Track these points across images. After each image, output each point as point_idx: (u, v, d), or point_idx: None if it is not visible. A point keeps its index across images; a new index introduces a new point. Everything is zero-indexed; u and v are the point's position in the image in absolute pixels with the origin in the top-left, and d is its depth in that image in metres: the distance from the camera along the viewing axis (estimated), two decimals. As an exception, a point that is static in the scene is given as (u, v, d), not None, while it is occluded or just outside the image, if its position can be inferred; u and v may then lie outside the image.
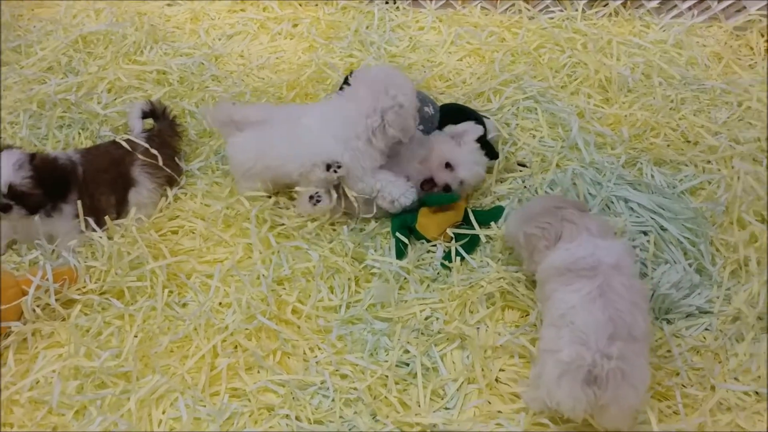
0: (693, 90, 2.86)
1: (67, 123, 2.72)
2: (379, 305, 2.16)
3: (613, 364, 1.66)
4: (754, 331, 2.06)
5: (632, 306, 1.77)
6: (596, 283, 1.79)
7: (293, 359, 2.04)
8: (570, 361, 1.69)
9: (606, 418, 1.73)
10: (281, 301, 2.14)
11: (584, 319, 1.74)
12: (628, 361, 1.67)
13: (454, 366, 2.01)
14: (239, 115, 2.38)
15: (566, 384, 1.69)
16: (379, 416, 1.88)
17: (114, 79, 2.87)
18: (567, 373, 1.69)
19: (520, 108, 2.75)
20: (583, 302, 1.77)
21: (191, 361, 1.99)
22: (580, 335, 1.71)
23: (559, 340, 1.74)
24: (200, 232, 2.34)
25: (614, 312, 1.73)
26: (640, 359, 1.72)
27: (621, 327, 1.71)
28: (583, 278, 1.82)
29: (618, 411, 1.70)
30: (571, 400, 1.69)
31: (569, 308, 1.78)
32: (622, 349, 1.67)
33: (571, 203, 2.08)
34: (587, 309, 1.76)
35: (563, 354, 1.70)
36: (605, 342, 1.68)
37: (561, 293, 1.84)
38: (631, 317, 1.74)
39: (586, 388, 1.67)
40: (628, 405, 1.70)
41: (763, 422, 1.87)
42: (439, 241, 2.32)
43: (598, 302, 1.76)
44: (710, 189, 2.45)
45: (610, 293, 1.77)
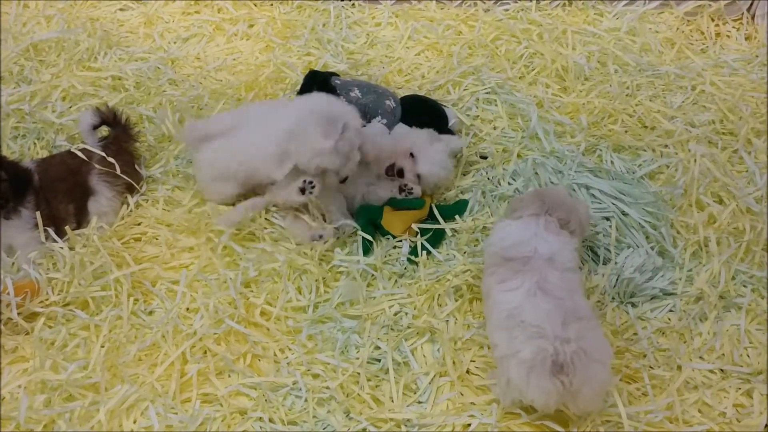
0: (648, 76, 2.90)
1: (21, 133, 2.67)
2: (347, 303, 2.16)
3: (573, 346, 1.68)
4: (716, 310, 2.10)
5: (569, 293, 1.81)
6: (534, 279, 1.82)
7: (264, 361, 2.03)
8: (532, 357, 1.70)
9: (580, 401, 1.74)
10: (249, 304, 2.13)
11: (533, 313, 1.76)
12: (586, 340, 1.70)
13: (425, 360, 2.02)
14: (213, 128, 2.36)
15: (535, 380, 1.71)
16: (353, 414, 1.88)
17: (68, 86, 2.82)
18: (533, 369, 1.70)
19: (479, 100, 2.77)
20: (526, 298, 1.80)
21: (160, 369, 1.97)
22: (536, 329, 1.72)
23: (514, 341, 1.75)
24: (164, 238, 2.31)
25: (557, 301, 1.77)
26: (595, 334, 1.77)
27: (568, 312, 1.75)
28: (518, 273, 1.85)
29: (590, 391, 1.72)
30: (543, 395, 1.71)
31: (514, 308, 1.80)
32: (577, 330, 1.71)
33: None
34: (532, 303, 1.78)
35: (524, 353, 1.72)
36: (560, 328, 1.71)
37: (500, 294, 1.86)
38: (571, 302, 1.78)
39: (555, 378, 1.68)
40: (599, 382, 1.73)
41: (728, 399, 1.91)
42: (405, 236, 2.33)
43: (539, 295, 1.79)
44: (668, 173, 2.50)
45: (548, 285, 1.80)
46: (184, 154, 2.59)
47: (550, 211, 1.99)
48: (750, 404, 1.90)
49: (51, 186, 2.27)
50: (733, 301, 2.13)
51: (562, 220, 1.99)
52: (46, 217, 2.21)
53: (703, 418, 1.86)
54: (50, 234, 2.21)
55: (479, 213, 2.38)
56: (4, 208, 2.17)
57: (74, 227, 2.26)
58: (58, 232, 2.22)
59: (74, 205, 2.30)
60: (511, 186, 2.46)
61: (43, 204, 2.23)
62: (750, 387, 1.93)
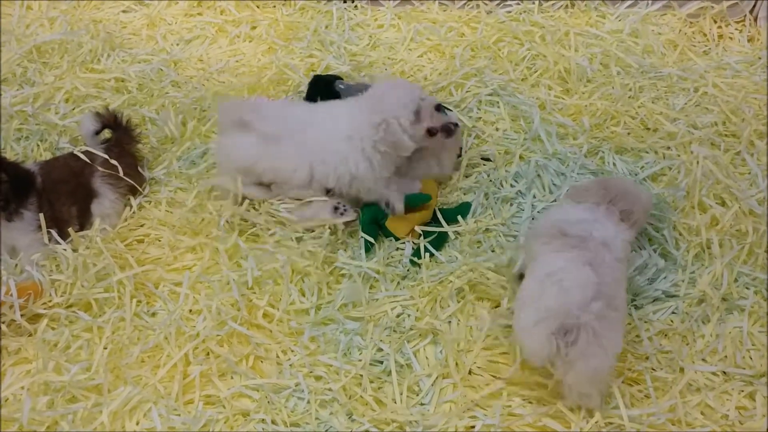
0: (650, 78, 2.90)
1: (24, 135, 2.68)
2: (350, 305, 2.16)
3: (589, 319, 1.72)
4: (719, 312, 2.10)
5: (614, 281, 1.84)
6: (586, 254, 1.86)
7: (266, 363, 2.03)
8: (548, 309, 1.77)
9: (572, 376, 1.77)
10: (252, 306, 2.13)
11: (573, 277, 1.81)
12: (603, 323, 1.73)
13: (428, 361, 2.02)
14: (255, 121, 2.31)
15: (539, 330, 1.77)
16: (356, 416, 1.89)
17: (71, 88, 2.83)
18: (543, 320, 1.77)
19: (482, 101, 2.77)
20: (573, 265, 1.84)
21: (163, 371, 1.97)
22: (566, 289, 1.78)
23: (542, 291, 1.81)
24: (167, 240, 2.32)
25: (599, 281, 1.80)
26: (615, 327, 1.79)
27: (604, 293, 1.78)
28: (574, 248, 1.89)
29: (584, 369, 1.75)
30: (538, 345, 1.77)
31: (558, 269, 1.85)
32: (601, 310, 1.74)
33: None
34: (577, 269, 1.83)
35: (543, 302, 1.79)
36: (588, 299, 1.75)
37: (550, 254, 1.91)
38: (611, 289, 1.81)
39: (553, 338, 1.74)
40: (594, 366, 1.75)
41: (731, 401, 1.91)
42: (408, 239, 2.33)
43: (587, 269, 1.82)
44: (671, 175, 2.49)
45: (599, 266, 1.84)
46: (187, 155, 2.59)
47: (613, 201, 2.04)
48: (753, 406, 1.90)
49: (54, 188, 2.28)
50: (735, 303, 2.13)
51: (625, 211, 2.03)
52: (49, 219, 2.21)
53: (706, 420, 1.86)
54: (53, 236, 2.21)
55: (482, 215, 2.38)
56: (5, 210, 2.17)
57: (77, 229, 2.27)
58: (61, 234, 2.23)
59: (77, 207, 2.30)
60: (514, 188, 2.46)
61: (46, 206, 2.24)
62: (753, 389, 1.93)
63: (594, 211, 2.01)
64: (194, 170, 2.54)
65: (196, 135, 2.68)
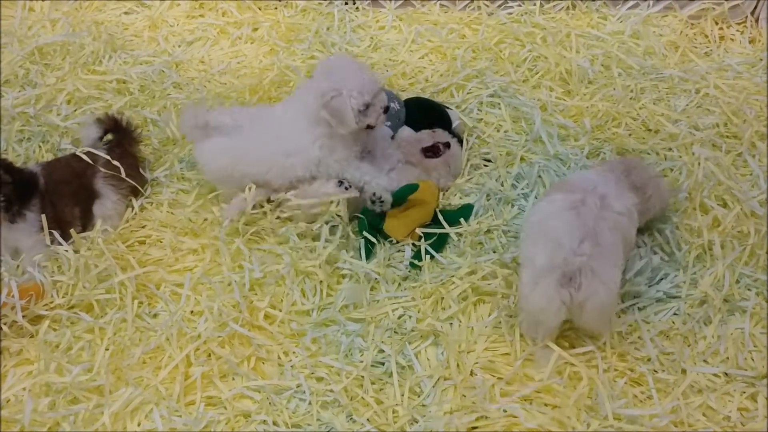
0: (652, 79, 2.90)
1: (26, 137, 2.68)
2: (351, 306, 2.16)
3: (584, 260, 1.81)
4: (720, 314, 2.10)
5: (605, 228, 1.90)
6: (572, 197, 1.93)
7: (268, 364, 2.03)
8: (544, 264, 1.86)
9: (583, 318, 1.89)
10: (253, 307, 2.13)
11: (557, 225, 1.89)
12: (596, 260, 1.82)
13: (429, 363, 2.02)
14: (215, 120, 2.34)
15: (542, 287, 1.86)
16: (357, 417, 1.88)
17: (73, 90, 2.84)
18: (542, 276, 1.86)
19: (483, 103, 2.77)
20: (558, 212, 1.92)
21: (164, 372, 1.97)
22: (554, 239, 1.86)
23: (535, 248, 1.91)
24: (168, 241, 2.32)
25: (584, 222, 1.87)
26: (608, 261, 1.87)
27: (589, 234, 1.85)
28: (562, 192, 1.98)
29: (593, 308, 1.85)
30: (546, 300, 1.86)
31: (543, 219, 1.96)
32: (591, 250, 1.82)
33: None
34: (561, 217, 1.91)
35: (538, 259, 1.88)
36: (577, 243, 1.83)
37: (540, 204, 2.06)
38: (597, 231, 1.87)
39: (561, 288, 1.83)
40: (601, 301, 1.85)
41: (733, 402, 1.90)
42: (407, 241, 2.32)
43: (571, 213, 1.91)
44: (672, 176, 2.49)
45: (583, 209, 1.91)
46: (188, 156, 2.59)
47: (626, 172, 2.12)
48: (754, 408, 1.90)
49: (56, 189, 2.28)
50: (737, 305, 2.13)
51: (639, 188, 2.10)
52: (51, 220, 2.21)
53: (708, 422, 1.86)
54: (56, 237, 2.21)
55: (483, 216, 2.38)
56: (8, 212, 2.17)
57: (79, 230, 2.27)
58: (63, 236, 2.23)
59: (79, 208, 2.31)
60: (515, 189, 2.46)
61: (49, 207, 2.24)
62: (754, 391, 1.93)
63: (604, 176, 2.09)
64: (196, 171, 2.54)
65: (197, 136, 2.67)
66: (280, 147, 2.29)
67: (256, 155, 2.31)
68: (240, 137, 2.33)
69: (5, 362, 2.01)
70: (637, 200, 2.09)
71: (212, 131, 2.35)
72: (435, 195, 2.40)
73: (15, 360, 2.02)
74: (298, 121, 2.28)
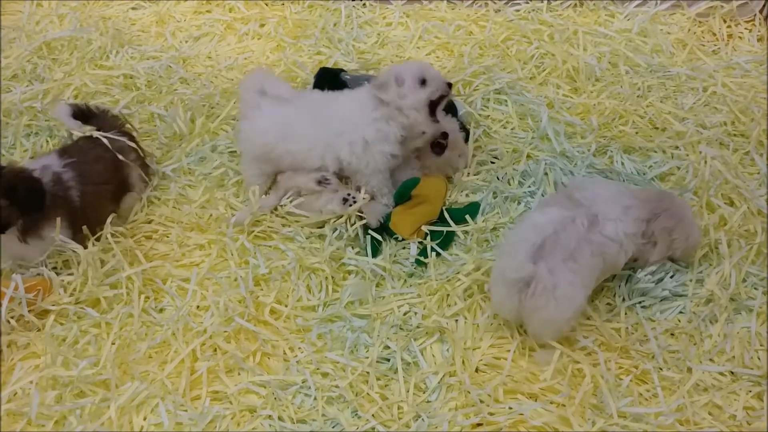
0: (659, 77, 2.89)
1: (34, 131, 2.69)
2: (357, 302, 2.16)
3: (542, 271, 1.86)
4: (726, 313, 2.09)
5: (584, 243, 1.92)
6: (563, 212, 1.96)
7: (273, 360, 2.04)
8: (503, 268, 1.92)
9: (530, 326, 1.96)
10: (259, 303, 2.13)
11: (526, 231, 1.93)
12: (560, 277, 1.87)
13: (434, 359, 2.03)
14: (273, 88, 2.35)
15: (501, 286, 1.94)
16: (362, 413, 1.89)
17: (80, 85, 2.84)
18: (503, 276, 1.92)
19: (490, 99, 2.76)
20: (548, 222, 1.93)
21: (170, 366, 1.98)
22: (515, 243, 1.92)
23: (502, 249, 2.04)
24: (175, 236, 2.32)
25: (557, 235, 1.90)
26: (575, 281, 1.89)
27: (563, 247, 1.89)
28: (554, 206, 2.02)
29: (539, 320, 1.91)
30: (500, 299, 1.95)
31: (524, 223, 2.01)
32: (562, 267, 1.86)
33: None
34: (535, 222, 1.95)
35: (501, 260, 1.95)
36: (551, 258, 1.87)
37: (533, 213, 2.13)
38: (579, 250, 1.91)
39: (514, 293, 1.89)
40: (549, 316, 1.89)
41: (739, 401, 1.90)
42: (413, 238, 2.32)
43: (560, 228, 1.93)
44: (679, 174, 2.49)
45: (568, 221, 1.94)
46: (195, 151, 2.60)
47: (654, 208, 2.10)
48: (760, 407, 1.89)
49: (96, 196, 2.20)
50: (743, 304, 2.12)
51: (666, 224, 2.09)
52: (82, 220, 2.16)
53: (714, 420, 1.86)
54: (86, 234, 2.19)
55: (489, 214, 2.38)
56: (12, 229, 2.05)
57: None
58: (92, 232, 2.19)
59: (115, 205, 2.29)
60: (522, 187, 2.46)
61: (81, 210, 2.16)
62: (760, 390, 1.92)
63: (616, 197, 2.06)
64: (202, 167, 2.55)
65: (204, 132, 2.68)
66: (331, 125, 2.30)
67: (304, 131, 2.31)
68: (291, 112, 2.34)
69: (12, 355, 2.03)
70: (640, 233, 2.07)
71: (267, 101, 2.34)
72: (441, 192, 2.40)
73: (22, 353, 2.03)
74: (356, 103, 2.31)
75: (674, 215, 2.11)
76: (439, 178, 2.42)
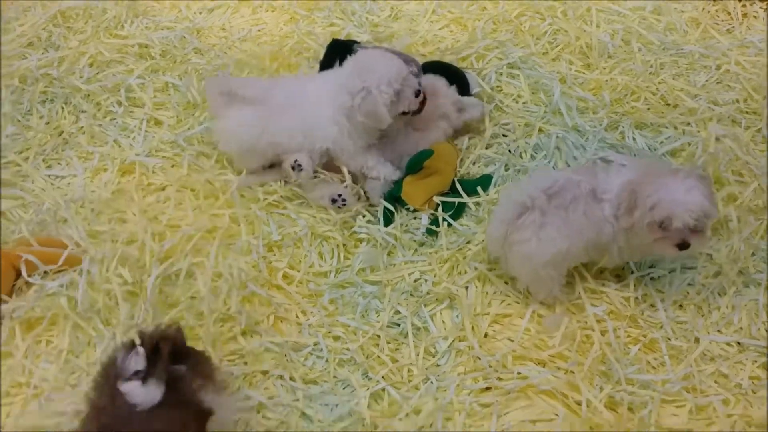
0: (672, 55, 2.89)
1: (50, 98, 2.71)
2: (368, 269, 2.19)
3: (538, 203, 1.92)
4: (735, 286, 2.11)
5: (579, 204, 1.95)
6: (574, 177, 1.99)
7: (286, 323, 2.07)
8: (508, 191, 2.07)
9: (510, 260, 2.02)
10: (272, 268, 2.16)
11: (542, 177, 2.02)
12: (553, 219, 1.93)
13: (444, 325, 2.05)
14: (240, 88, 2.35)
15: (494, 216, 2.05)
16: (372, 374, 1.92)
17: (95, 53, 2.86)
18: (500, 206, 2.04)
19: (502, 74, 2.77)
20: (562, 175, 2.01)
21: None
22: (530, 182, 2.04)
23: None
24: (189, 202, 2.34)
25: (566, 193, 1.96)
26: (563, 230, 1.93)
27: (559, 195, 1.95)
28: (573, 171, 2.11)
29: (517, 254, 1.97)
30: (491, 230, 2.03)
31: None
32: (550, 205, 1.93)
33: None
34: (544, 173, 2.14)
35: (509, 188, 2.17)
36: (540, 189, 1.94)
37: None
38: (574, 207, 1.95)
39: (504, 223, 1.96)
40: (528, 253, 1.94)
41: (744, 370, 1.92)
42: (425, 209, 2.34)
43: (550, 174, 2.09)
44: (690, 150, 2.49)
45: (575, 186, 1.97)
46: (209, 120, 2.62)
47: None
48: (766, 376, 1.91)
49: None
50: (752, 277, 2.13)
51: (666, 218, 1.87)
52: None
53: (720, 388, 1.88)
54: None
55: (501, 186, 2.39)
56: None
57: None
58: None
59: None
60: (533, 160, 2.47)
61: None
62: (766, 360, 1.94)
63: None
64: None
65: (218, 101, 2.69)
66: (304, 113, 2.31)
67: (280, 122, 2.32)
68: (266, 107, 2.34)
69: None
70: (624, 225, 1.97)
71: (237, 101, 2.35)
72: (453, 163, 2.41)
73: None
74: (321, 98, 2.30)
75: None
76: (451, 149, 2.43)
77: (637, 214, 1.87)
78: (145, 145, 2.55)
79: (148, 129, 2.62)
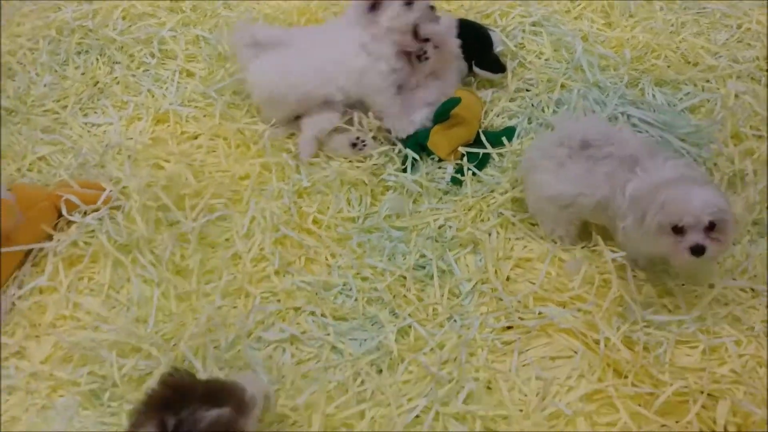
0: (693, 14, 2.92)
1: (85, 49, 2.79)
2: (394, 216, 2.27)
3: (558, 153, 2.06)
4: (750, 235, 2.17)
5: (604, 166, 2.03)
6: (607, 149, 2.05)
7: (316, 265, 2.16)
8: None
9: (526, 184, 2.20)
10: (302, 212, 2.25)
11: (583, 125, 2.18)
12: (574, 161, 2.04)
13: (468, 268, 2.13)
14: (264, 37, 2.42)
15: (533, 143, 2.30)
16: (399, 312, 2.01)
17: (128, 6, 2.93)
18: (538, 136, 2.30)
19: (525, 31, 2.82)
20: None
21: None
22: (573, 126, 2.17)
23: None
24: (222, 150, 2.43)
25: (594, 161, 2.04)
26: (574, 180, 2.04)
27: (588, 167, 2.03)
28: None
29: (531, 181, 2.15)
30: (524, 161, 2.21)
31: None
32: (580, 154, 2.04)
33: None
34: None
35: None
36: (578, 140, 2.05)
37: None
38: (598, 166, 2.02)
39: (536, 151, 2.15)
40: (539, 179, 2.10)
41: (757, 315, 2.00)
42: (450, 159, 2.41)
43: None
44: (709, 106, 2.54)
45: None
46: (238, 73, 2.69)
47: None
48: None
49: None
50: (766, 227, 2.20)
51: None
52: None
53: (733, 330, 1.95)
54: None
55: (525, 138, 2.46)
56: None
57: None
58: None
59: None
60: (556, 114, 2.53)
61: None
62: (779, 304, 2.02)
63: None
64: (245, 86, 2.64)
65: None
66: (325, 57, 2.38)
67: (302, 65, 2.39)
68: (288, 53, 2.41)
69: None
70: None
71: (262, 49, 2.43)
72: (478, 114, 2.48)
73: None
74: (344, 30, 2.39)
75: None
76: (476, 100, 2.50)
77: (648, 217, 1.84)
78: (178, 95, 2.63)
79: (180, 80, 2.69)
